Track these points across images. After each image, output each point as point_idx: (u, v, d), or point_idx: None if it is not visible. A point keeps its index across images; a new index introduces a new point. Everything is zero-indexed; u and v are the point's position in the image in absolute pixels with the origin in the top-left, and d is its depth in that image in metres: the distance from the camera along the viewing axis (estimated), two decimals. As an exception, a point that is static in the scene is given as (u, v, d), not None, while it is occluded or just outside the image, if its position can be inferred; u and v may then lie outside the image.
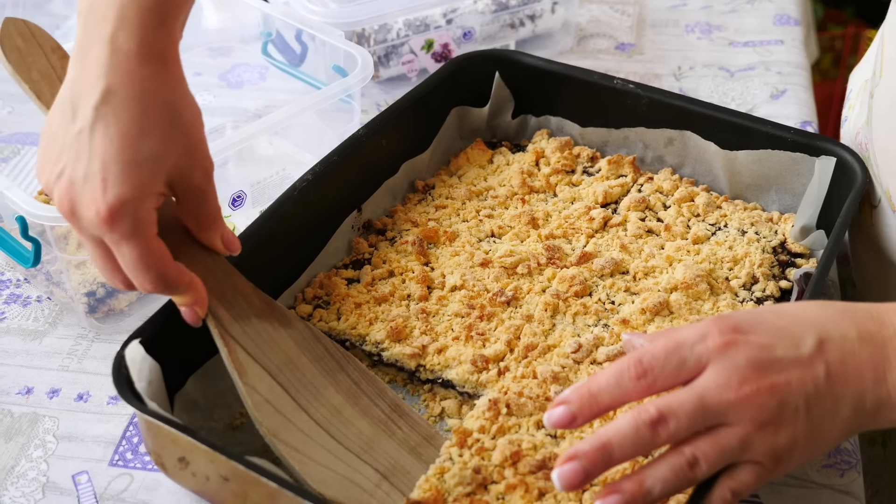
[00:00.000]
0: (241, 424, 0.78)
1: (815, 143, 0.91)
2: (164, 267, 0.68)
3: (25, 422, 0.82)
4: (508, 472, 0.70)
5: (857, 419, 0.61)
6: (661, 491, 0.60)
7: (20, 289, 0.95)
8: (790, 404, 0.60)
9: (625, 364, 0.61)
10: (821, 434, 0.61)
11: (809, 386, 0.60)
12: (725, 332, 0.60)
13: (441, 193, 0.97)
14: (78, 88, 0.66)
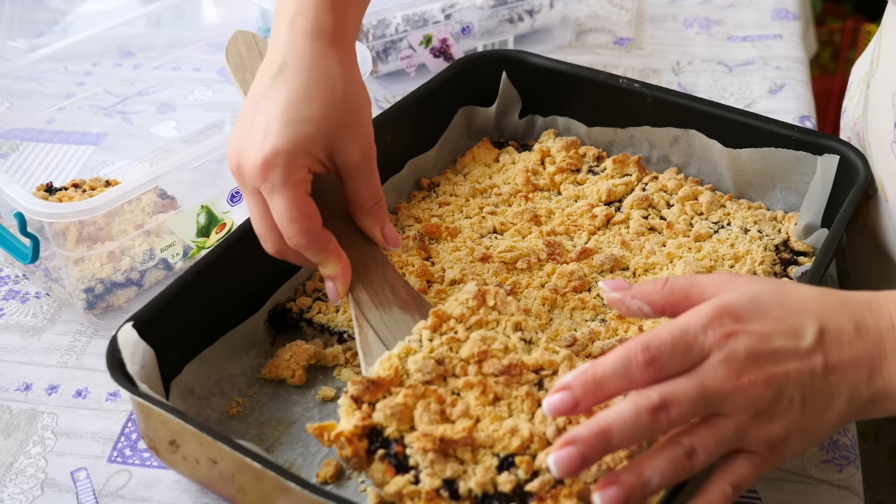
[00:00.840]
0: (237, 413, 0.79)
1: (818, 140, 0.91)
2: (311, 223, 0.73)
3: (24, 418, 0.82)
4: (472, 368, 0.70)
5: (851, 410, 0.62)
6: (660, 482, 0.60)
7: (19, 285, 0.95)
8: (786, 395, 0.60)
9: (632, 350, 0.60)
10: (815, 424, 0.61)
11: (806, 378, 0.60)
12: (727, 321, 0.60)
13: (445, 191, 0.97)
14: (264, 67, 0.76)
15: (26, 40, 1.23)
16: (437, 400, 0.68)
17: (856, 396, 0.61)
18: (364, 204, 0.78)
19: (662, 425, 0.59)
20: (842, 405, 0.61)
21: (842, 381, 0.61)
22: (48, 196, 0.97)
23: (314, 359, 0.82)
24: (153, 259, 0.91)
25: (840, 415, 0.61)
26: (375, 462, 0.67)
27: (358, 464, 0.67)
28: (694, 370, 0.60)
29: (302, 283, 0.87)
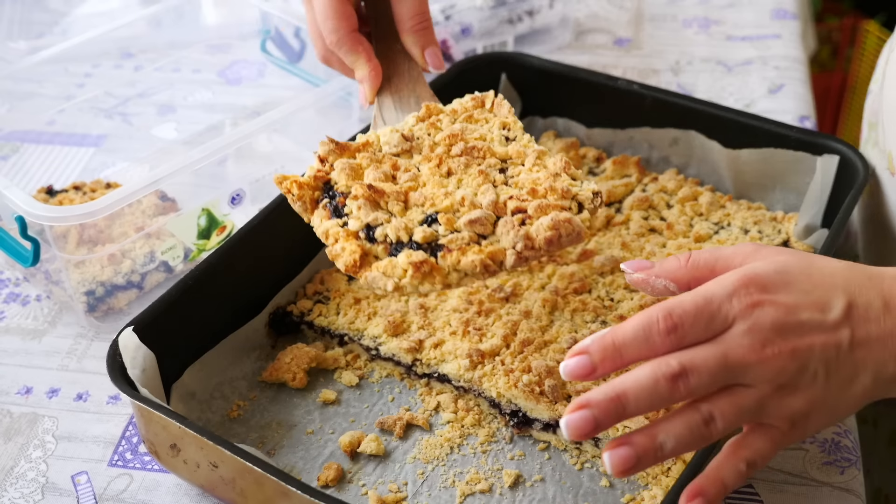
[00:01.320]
0: (238, 416, 0.79)
1: (817, 141, 0.91)
2: (343, 23, 0.79)
3: (25, 422, 0.82)
4: (440, 149, 0.71)
5: (877, 386, 0.61)
6: (674, 447, 0.58)
7: (19, 288, 0.95)
8: (810, 368, 0.59)
9: (654, 317, 0.59)
10: (839, 400, 0.60)
11: (831, 352, 0.59)
12: (753, 291, 0.59)
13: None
14: None
15: (26, 42, 1.23)
16: (392, 165, 0.70)
17: (882, 372, 0.60)
18: (407, 22, 0.81)
19: (681, 393, 0.58)
20: (867, 381, 0.60)
21: (868, 357, 0.60)
22: (49, 198, 0.97)
23: (315, 362, 0.82)
24: (154, 261, 0.91)
25: (865, 391, 0.61)
26: (318, 209, 0.69)
27: (303, 208, 0.71)
28: (717, 339, 0.59)
29: (303, 286, 0.87)
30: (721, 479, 0.60)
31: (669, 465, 0.72)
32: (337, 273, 0.87)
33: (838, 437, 0.79)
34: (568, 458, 0.76)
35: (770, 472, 0.76)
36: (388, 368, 0.83)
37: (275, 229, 0.84)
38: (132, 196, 0.84)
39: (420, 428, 0.78)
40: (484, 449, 0.77)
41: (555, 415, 0.75)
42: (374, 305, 0.84)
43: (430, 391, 0.81)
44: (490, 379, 0.78)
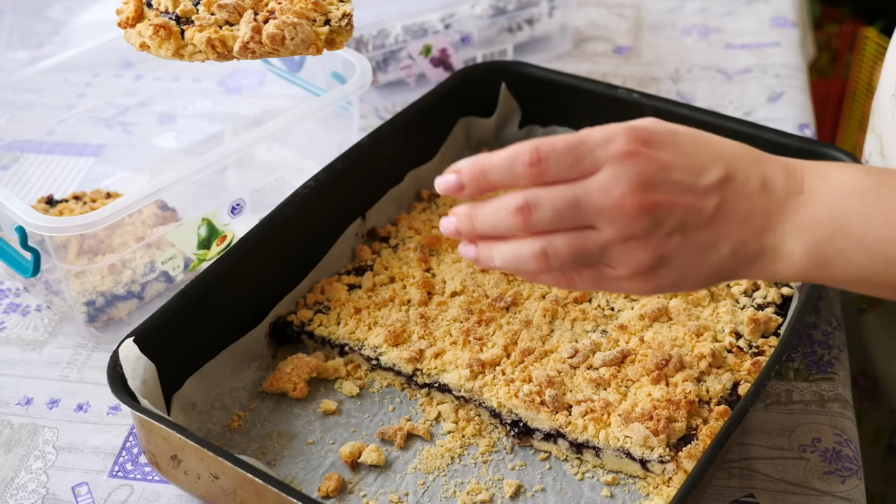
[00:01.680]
0: (238, 426, 0.79)
1: (816, 149, 0.91)
2: None
3: (25, 433, 0.82)
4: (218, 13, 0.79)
5: (734, 260, 0.61)
6: (501, 264, 0.61)
7: (20, 298, 0.95)
8: (665, 225, 0.59)
9: (523, 148, 0.59)
10: (693, 264, 0.61)
11: (692, 215, 0.59)
12: (633, 141, 0.59)
13: (446, 202, 0.97)
14: None
15: (26, 51, 1.23)
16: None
17: (742, 248, 0.61)
18: None
19: (523, 225, 0.59)
20: (725, 253, 0.61)
21: (731, 230, 0.60)
22: (49, 208, 0.97)
23: (315, 372, 0.82)
24: (154, 271, 0.91)
25: (721, 262, 0.61)
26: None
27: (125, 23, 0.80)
28: (577, 182, 0.59)
29: (303, 296, 0.87)
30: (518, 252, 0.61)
31: (671, 475, 0.72)
32: (338, 283, 0.87)
33: (839, 447, 0.79)
34: (569, 468, 0.76)
35: (771, 481, 0.76)
36: (388, 378, 0.83)
37: (275, 239, 0.84)
38: (132, 206, 0.84)
39: (421, 438, 0.78)
40: (485, 459, 0.77)
41: (555, 425, 0.75)
42: (375, 315, 0.84)
43: (431, 401, 0.81)
44: (491, 389, 0.78)
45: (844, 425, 0.81)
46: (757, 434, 0.80)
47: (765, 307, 0.84)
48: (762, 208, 0.60)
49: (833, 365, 0.86)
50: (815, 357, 0.86)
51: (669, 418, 0.73)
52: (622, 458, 0.74)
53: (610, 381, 0.77)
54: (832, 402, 0.82)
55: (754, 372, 0.78)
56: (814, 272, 0.61)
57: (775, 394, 0.83)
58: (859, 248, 0.60)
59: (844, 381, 0.85)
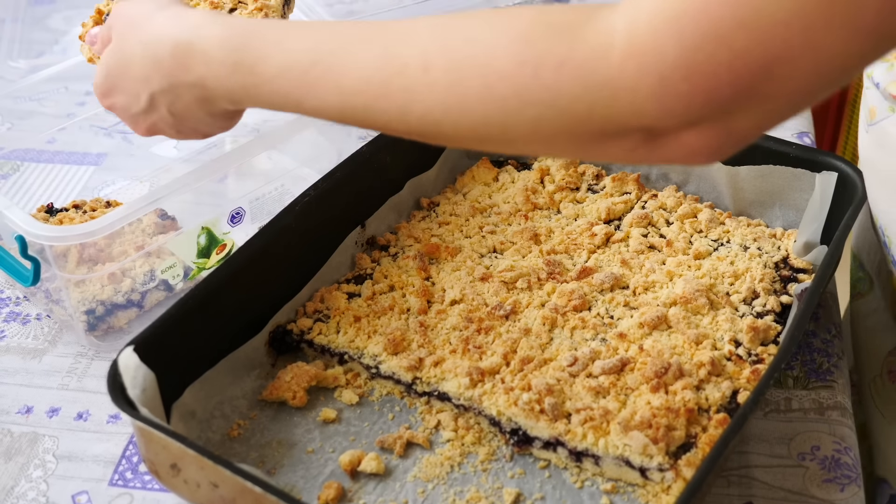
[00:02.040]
0: (238, 435, 0.79)
1: (816, 157, 0.91)
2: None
3: (25, 441, 0.82)
4: None
5: (213, 112, 0.75)
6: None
7: (20, 307, 0.95)
8: (165, 129, 0.78)
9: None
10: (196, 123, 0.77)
11: (164, 122, 0.77)
12: (102, 100, 0.79)
13: (445, 210, 0.97)
14: None
15: (27, 61, 1.23)
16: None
17: (208, 112, 0.75)
18: None
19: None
20: (202, 115, 0.75)
21: (189, 113, 0.75)
22: (49, 217, 0.98)
23: (315, 380, 0.82)
24: (154, 280, 0.92)
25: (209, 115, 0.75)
26: None
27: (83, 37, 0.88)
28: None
29: (302, 305, 0.87)
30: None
31: (670, 483, 0.72)
32: (337, 291, 0.88)
33: (838, 455, 0.79)
34: (568, 477, 0.76)
35: (770, 489, 0.76)
36: (388, 387, 0.83)
37: (275, 248, 0.84)
38: (132, 215, 0.84)
39: (420, 446, 0.78)
40: (484, 467, 0.77)
41: (555, 433, 0.75)
42: (375, 324, 0.84)
43: (431, 409, 0.81)
44: (490, 397, 0.78)
45: (844, 433, 0.81)
46: (756, 442, 0.80)
47: (764, 315, 0.85)
48: (189, 98, 0.73)
49: (832, 373, 0.86)
50: (815, 365, 0.86)
51: (669, 426, 0.73)
52: (621, 466, 0.74)
53: (609, 390, 0.77)
54: (831, 410, 0.82)
55: (753, 380, 0.78)
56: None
57: (774, 402, 0.83)
58: (258, 103, 0.71)
59: (844, 389, 0.85)
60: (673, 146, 0.55)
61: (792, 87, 0.51)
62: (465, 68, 0.58)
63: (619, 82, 0.53)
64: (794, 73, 0.51)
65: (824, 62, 0.50)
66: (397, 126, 0.63)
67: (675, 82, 0.51)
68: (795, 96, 0.52)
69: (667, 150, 0.55)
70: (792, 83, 0.51)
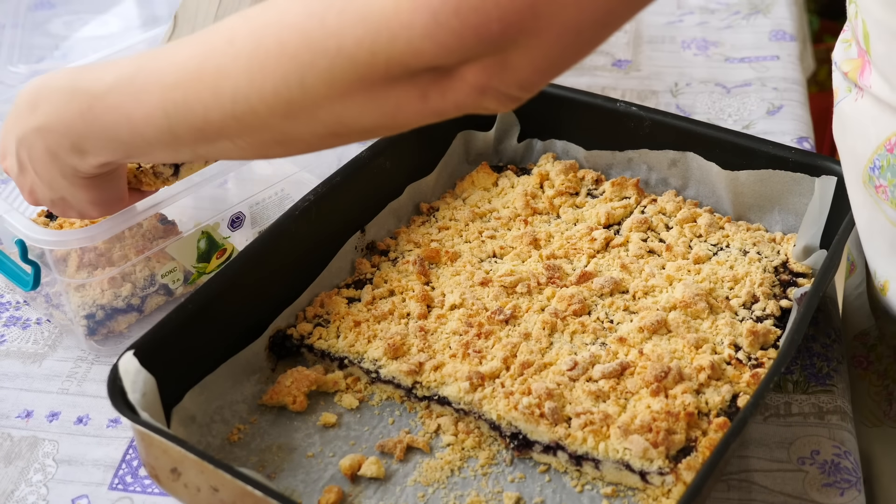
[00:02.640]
0: (238, 439, 0.79)
1: (815, 162, 0.91)
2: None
3: (25, 445, 0.82)
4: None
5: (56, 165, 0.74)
6: None
7: (20, 311, 0.95)
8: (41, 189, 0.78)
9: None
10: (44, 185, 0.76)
11: (30, 175, 0.76)
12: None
13: (445, 215, 0.97)
14: None
15: (27, 66, 1.23)
16: None
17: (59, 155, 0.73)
18: None
19: None
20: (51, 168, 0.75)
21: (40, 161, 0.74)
22: (49, 222, 0.97)
23: (315, 385, 0.82)
24: (154, 284, 0.92)
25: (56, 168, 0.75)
26: None
27: None
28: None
29: (302, 309, 0.87)
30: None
31: (670, 487, 0.72)
32: (337, 296, 0.88)
33: (838, 459, 0.79)
34: (568, 481, 0.76)
35: (770, 493, 0.76)
36: (388, 391, 0.83)
37: (275, 252, 0.84)
38: (132, 219, 0.84)
39: (420, 451, 0.78)
40: (484, 471, 0.77)
41: (555, 437, 0.75)
42: (374, 328, 0.84)
43: (431, 414, 0.81)
44: (490, 401, 0.78)
45: (843, 437, 0.81)
46: (756, 446, 0.80)
47: (764, 319, 0.85)
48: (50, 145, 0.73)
49: (832, 377, 0.86)
50: (814, 369, 0.86)
51: (669, 430, 0.73)
52: (621, 470, 0.74)
53: (609, 394, 0.77)
54: (831, 414, 0.82)
55: (753, 384, 0.78)
56: (94, 161, 0.73)
57: (774, 406, 0.83)
58: (98, 140, 0.71)
59: (843, 394, 0.85)
60: (458, 86, 0.57)
61: (558, 23, 0.54)
62: (262, 30, 0.61)
63: (395, 21, 0.55)
64: (557, 7, 0.54)
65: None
66: (215, 114, 0.64)
67: (447, 18, 0.54)
68: (565, 34, 0.55)
69: (454, 93, 0.57)
70: (558, 18, 0.54)
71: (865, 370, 0.94)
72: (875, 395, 0.93)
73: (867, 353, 0.95)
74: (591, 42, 0.57)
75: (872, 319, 0.92)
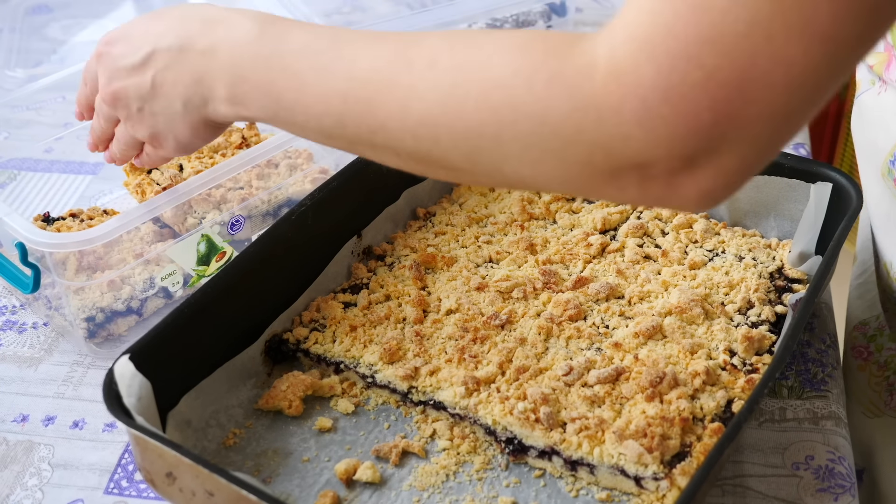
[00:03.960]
0: (234, 444, 0.79)
1: (811, 168, 0.91)
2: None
3: (21, 450, 0.82)
4: None
5: (188, 110, 0.72)
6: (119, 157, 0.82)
7: (16, 315, 0.95)
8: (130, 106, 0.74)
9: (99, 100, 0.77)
10: (169, 125, 0.73)
11: (139, 90, 0.73)
12: (101, 43, 0.75)
13: (441, 220, 0.97)
14: None
15: (24, 70, 1.24)
16: None
17: (189, 101, 0.71)
18: None
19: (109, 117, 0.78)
20: (178, 107, 0.72)
21: (171, 91, 0.71)
22: (46, 226, 0.98)
23: (311, 389, 0.82)
24: (153, 287, 0.92)
25: (184, 113, 0.72)
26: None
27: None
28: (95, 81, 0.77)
29: (299, 314, 0.87)
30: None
31: (665, 492, 0.73)
32: (333, 301, 0.88)
33: (832, 465, 0.79)
34: (563, 485, 0.76)
35: (764, 498, 0.77)
36: (384, 396, 0.83)
37: (271, 257, 0.85)
38: (133, 223, 0.84)
39: (416, 455, 0.78)
40: (480, 476, 0.77)
41: (550, 442, 0.75)
42: (370, 333, 0.84)
43: (426, 418, 0.81)
44: (485, 406, 0.78)
45: (838, 443, 0.81)
46: (750, 451, 0.80)
47: (759, 325, 0.85)
48: (189, 68, 0.70)
49: (826, 383, 0.86)
50: (809, 375, 0.87)
51: (663, 435, 0.74)
52: (616, 475, 0.74)
53: (604, 399, 0.77)
54: (826, 419, 0.83)
55: (748, 389, 0.78)
56: (242, 112, 0.70)
57: (769, 411, 0.84)
58: (257, 89, 0.67)
59: (838, 399, 0.85)
60: (659, 182, 0.54)
61: (769, 108, 0.51)
62: (467, 70, 0.58)
63: (603, 102, 0.52)
64: (767, 91, 0.50)
65: (794, 76, 0.50)
66: (394, 125, 0.61)
67: (657, 105, 0.51)
68: (775, 119, 0.51)
69: (655, 189, 0.54)
70: (768, 103, 0.51)
71: (865, 361, 0.94)
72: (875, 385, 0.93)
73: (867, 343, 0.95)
74: (797, 126, 0.53)
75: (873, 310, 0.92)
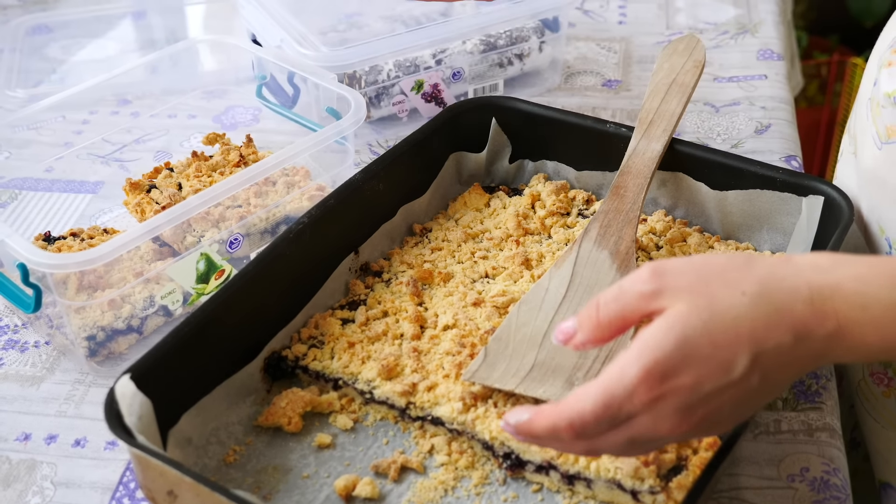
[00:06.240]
0: (234, 461, 0.80)
1: (803, 182, 0.92)
2: None
3: (23, 468, 0.83)
4: None
5: (787, 385, 0.64)
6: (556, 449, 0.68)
7: (17, 334, 0.96)
8: (720, 419, 0.62)
9: (560, 426, 0.62)
10: (733, 409, 0.62)
11: (740, 397, 0.61)
12: (653, 385, 0.59)
13: (438, 236, 0.98)
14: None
15: (25, 90, 1.24)
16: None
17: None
18: None
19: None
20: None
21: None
22: (47, 245, 0.99)
23: (310, 406, 0.83)
24: (153, 306, 0.93)
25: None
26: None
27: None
28: (622, 426, 0.62)
29: (297, 331, 0.88)
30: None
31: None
32: (331, 317, 0.89)
33: (827, 476, 0.80)
34: (561, 500, 0.77)
35: (760, 511, 0.77)
36: (382, 412, 0.83)
37: (269, 275, 0.85)
38: (134, 242, 0.85)
39: (414, 471, 0.79)
40: (478, 491, 0.77)
41: (547, 456, 0.76)
42: (368, 349, 0.85)
43: (424, 434, 0.82)
44: (483, 421, 0.78)
45: (833, 455, 0.82)
46: (746, 464, 0.81)
47: (752, 338, 0.85)
48: (805, 355, 0.61)
49: (821, 395, 0.87)
50: (804, 387, 0.87)
51: (660, 449, 0.74)
52: (613, 489, 0.75)
53: (600, 413, 0.78)
54: (820, 431, 0.83)
55: (742, 402, 0.79)
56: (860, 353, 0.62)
57: (764, 424, 0.84)
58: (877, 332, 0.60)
59: (832, 411, 0.86)
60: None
61: None
62: None
63: None
64: None
65: None
66: None
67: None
68: None
69: None
70: None
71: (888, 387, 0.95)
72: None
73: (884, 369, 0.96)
74: None
75: None
